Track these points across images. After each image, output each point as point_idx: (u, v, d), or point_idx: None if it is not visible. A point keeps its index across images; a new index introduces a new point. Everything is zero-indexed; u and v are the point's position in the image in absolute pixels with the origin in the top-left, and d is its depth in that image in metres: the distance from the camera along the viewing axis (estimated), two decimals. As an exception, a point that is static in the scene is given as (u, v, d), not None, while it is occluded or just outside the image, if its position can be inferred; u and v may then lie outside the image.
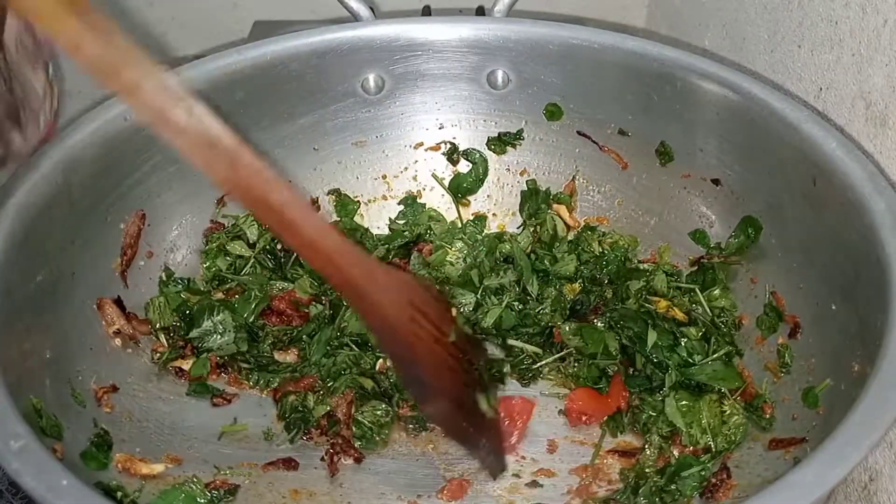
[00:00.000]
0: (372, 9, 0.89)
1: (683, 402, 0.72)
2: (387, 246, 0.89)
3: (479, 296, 0.82)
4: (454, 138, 0.92)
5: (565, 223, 0.89)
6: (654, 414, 0.72)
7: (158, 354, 0.78)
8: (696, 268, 0.83)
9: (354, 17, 0.89)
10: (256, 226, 0.86)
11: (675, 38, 1.12)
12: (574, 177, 0.90)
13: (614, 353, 0.77)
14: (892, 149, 0.70)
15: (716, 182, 0.82)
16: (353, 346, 0.79)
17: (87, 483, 0.53)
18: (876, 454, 0.71)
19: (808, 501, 0.49)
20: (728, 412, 0.71)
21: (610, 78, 0.84)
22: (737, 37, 0.97)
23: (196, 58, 0.82)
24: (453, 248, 0.87)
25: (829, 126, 0.72)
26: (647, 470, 0.69)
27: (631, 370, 0.77)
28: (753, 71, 0.90)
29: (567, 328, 0.79)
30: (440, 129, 0.92)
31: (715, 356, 0.75)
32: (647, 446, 0.71)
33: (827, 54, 0.78)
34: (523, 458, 0.73)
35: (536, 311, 0.82)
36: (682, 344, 0.76)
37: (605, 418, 0.75)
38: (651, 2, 1.28)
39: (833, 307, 0.68)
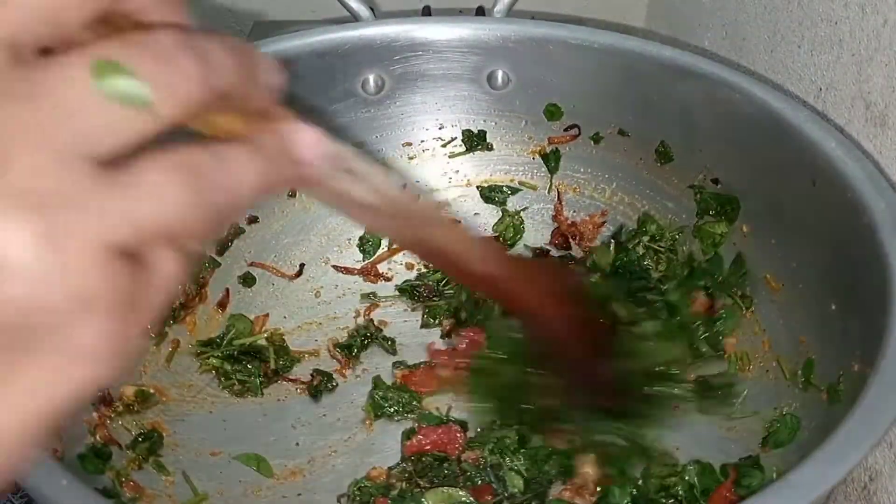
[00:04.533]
0: (372, 9, 0.89)
1: None
2: None
3: None
4: (454, 139, 0.92)
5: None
6: None
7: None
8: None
9: (354, 17, 0.89)
10: None
11: (675, 38, 1.12)
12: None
13: None
14: (892, 149, 0.70)
15: (716, 182, 0.82)
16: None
17: (87, 483, 0.53)
18: (876, 454, 0.71)
19: (808, 501, 0.49)
20: None
21: (610, 78, 0.84)
22: (737, 37, 0.97)
23: (196, 58, 0.82)
24: None
25: (829, 126, 0.72)
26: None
27: None
28: (753, 71, 0.90)
29: None
30: (440, 129, 0.92)
31: None
32: None
33: (827, 54, 0.78)
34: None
35: None
36: None
37: None
38: (651, 2, 1.28)
39: (833, 307, 0.68)
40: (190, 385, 0.79)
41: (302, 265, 0.90)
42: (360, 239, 0.92)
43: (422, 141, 0.92)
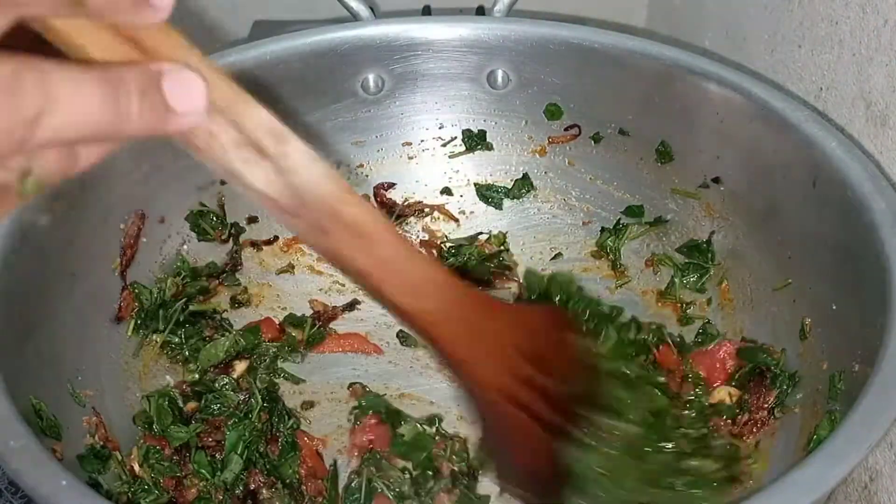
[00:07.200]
0: (372, 9, 0.89)
1: None
2: None
3: None
4: (454, 138, 0.92)
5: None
6: None
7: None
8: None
9: (354, 17, 0.89)
10: None
11: (675, 38, 1.12)
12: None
13: None
14: (892, 149, 0.70)
15: (716, 181, 0.82)
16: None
17: (86, 483, 0.53)
18: (876, 454, 0.71)
19: (809, 501, 0.49)
20: None
21: (610, 78, 0.84)
22: (737, 37, 0.97)
23: (196, 58, 0.82)
24: None
25: (829, 126, 0.72)
26: None
27: None
28: (753, 71, 0.90)
29: None
30: (440, 128, 0.92)
31: None
32: None
33: (827, 54, 0.78)
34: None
35: None
36: None
37: None
38: (651, 2, 1.28)
39: (833, 307, 0.68)
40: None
41: (302, 265, 0.90)
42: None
43: (422, 141, 0.92)
